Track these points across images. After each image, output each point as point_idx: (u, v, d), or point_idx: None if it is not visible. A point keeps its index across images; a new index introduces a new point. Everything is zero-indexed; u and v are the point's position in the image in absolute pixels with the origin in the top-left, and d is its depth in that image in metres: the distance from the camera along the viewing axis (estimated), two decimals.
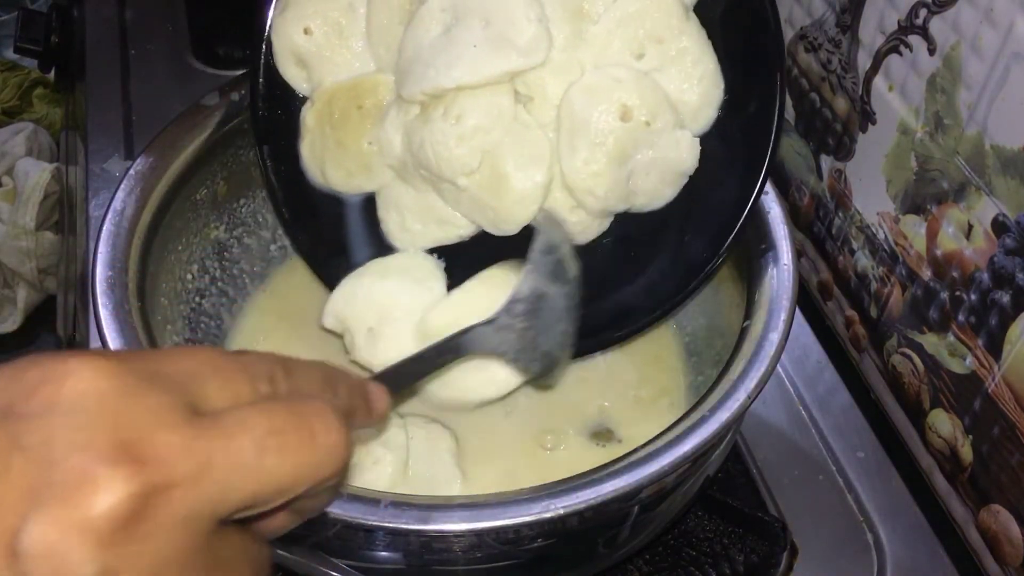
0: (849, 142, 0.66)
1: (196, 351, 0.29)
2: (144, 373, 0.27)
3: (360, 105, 0.56)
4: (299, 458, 0.28)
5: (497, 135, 0.52)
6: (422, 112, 0.53)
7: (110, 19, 0.99)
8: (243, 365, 0.30)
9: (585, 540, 0.49)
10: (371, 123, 0.56)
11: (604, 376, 0.63)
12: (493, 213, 0.54)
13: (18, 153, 1.35)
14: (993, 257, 0.55)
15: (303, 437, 0.28)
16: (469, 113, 0.52)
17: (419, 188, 0.56)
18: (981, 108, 0.53)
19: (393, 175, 0.57)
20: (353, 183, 0.58)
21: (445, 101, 0.52)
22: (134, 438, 0.25)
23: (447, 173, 0.53)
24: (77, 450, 0.24)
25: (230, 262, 0.66)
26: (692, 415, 0.47)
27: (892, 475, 0.66)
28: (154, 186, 0.56)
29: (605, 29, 0.52)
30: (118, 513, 0.24)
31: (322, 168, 0.57)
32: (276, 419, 0.28)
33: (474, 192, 0.54)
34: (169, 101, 0.83)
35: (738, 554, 0.60)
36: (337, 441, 0.29)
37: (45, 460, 0.24)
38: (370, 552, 0.47)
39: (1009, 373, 0.55)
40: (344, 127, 0.56)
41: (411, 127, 0.54)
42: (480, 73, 0.51)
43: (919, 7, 0.56)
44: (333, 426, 0.29)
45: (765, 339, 0.50)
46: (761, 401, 0.65)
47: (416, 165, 0.54)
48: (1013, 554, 0.58)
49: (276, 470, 0.28)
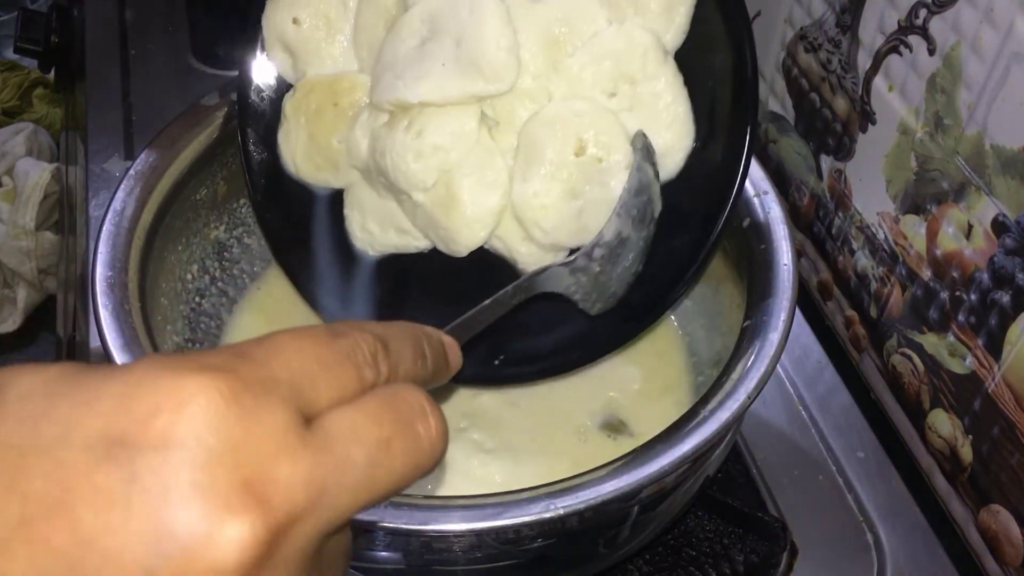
0: (849, 142, 0.66)
1: (300, 341, 0.28)
2: (258, 385, 0.25)
3: (336, 102, 0.56)
4: (407, 465, 0.28)
5: (456, 156, 0.52)
6: (390, 120, 0.53)
7: (110, 19, 0.99)
8: (347, 354, 0.29)
9: (585, 540, 0.49)
10: (344, 122, 0.56)
11: (607, 370, 0.63)
12: (444, 232, 0.54)
13: (18, 153, 1.35)
14: (993, 257, 0.55)
15: (409, 442, 0.28)
16: (431, 131, 0.51)
17: (381, 194, 0.56)
18: (981, 108, 0.53)
19: (359, 175, 0.57)
20: (321, 177, 0.58)
21: (411, 114, 0.52)
22: (256, 476, 0.24)
23: (403, 185, 0.53)
24: (199, 494, 0.23)
25: (230, 262, 0.66)
26: (692, 415, 0.47)
27: (892, 475, 0.66)
28: (154, 186, 0.56)
29: (579, 63, 0.51)
30: (246, 560, 0.23)
31: (294, 158, 0.58)
32: (385, 428, 0.28)
33: (428, 209, 0.54)
34: (169, 101, 0.83)
35: (738, 554, 0.60)
36: (438, 436, 0.29)
37: (166, 503, 0.23)
38: (370, 552, 0.47)
39: (1009, 373, 0.55)
40: (318, 122, 0.56)
41: (377, 134, 0.54)
42: (443, 92, 0.51)
43: (919, 7, 0.56)
44: (434, 422, 0.29)
45: (765, 339, 0.50)
46: (761, 401, 0.65)
47: (377, 172, 0.55)
48: (1013, 554, 0.58)
49: (386, 479, 0.28)
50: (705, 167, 0.53)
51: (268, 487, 0.24)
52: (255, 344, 0.28)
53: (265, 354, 0.27)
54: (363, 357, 0.29)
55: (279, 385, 0.26)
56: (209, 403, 0.24)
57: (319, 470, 0.25)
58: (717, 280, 0.62)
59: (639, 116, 0.52)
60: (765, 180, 0.57)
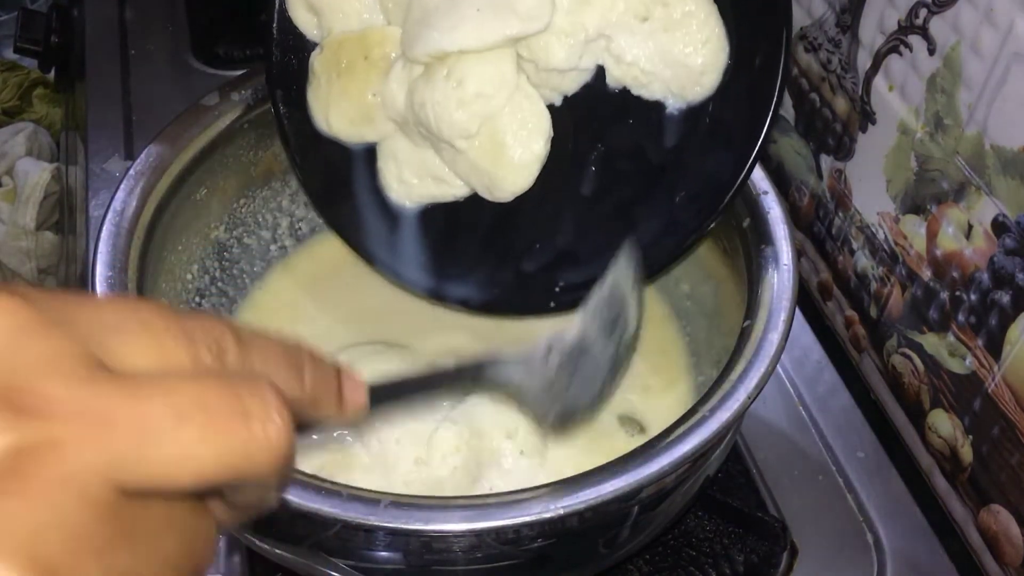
0: (849, 142, 0.66)
1: (130, 305, 0.26)
2: (52, 317, 0.24)
3: (367, 55, 0.56)
4: (225, 442, 0.25)
5: (498, 102, 0.52)
6: (426, 71, 0.53)
7: (110, 19, 0.99)
8: (184, 329, 0.26)
9: (585, 540, 0.49)
10: (376, 75, 0.56)
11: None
12: (488, 179, 0.54)
13: (18, 153, 1.34)
14: (993, 257, 0.55)
15: (234, 420, 0.25)
16: (472, 79, 0.52)
17: (418, 144, 0.56)
18: (981, 108, 0.53)
19: (394, 127, 0.57)
20: (356, 132, 0.58)
21: (448, 63, 0.52)
22: (18, 385, 0.23)
23: (446, 135, 0.53)
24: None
25: (230, 262, 0.66)
26: (692, 415, 0.47)
27: (892, 475, 0.66)
28: (154, 186, 0.56)
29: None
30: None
31: (326, 115, 0.58)
32: (208, 393, 0.25)
33: (471, 156, 0.54)
34: (169, 101, 0.83)
35: (738, 554, 0.60)
36: (275, 434, 0.25)
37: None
38: (370, 552, 0.47)
39: (1009, 373, 0.55)
40: (350, 77, 0.56)
41: (414, 85, 0.54)
42: (482, 38, 0.51)
43: (919, 7, 0.56)
44: (274, 415, 0.25)
45: (765, 339, 0.50)
46: (761, 401, 0.65)
47: (416, 123, 0.55)
48: (1013, 554, 0.58)
49: (194, 449, 0.24)
50: (742, 82, 0.53)
51: (28, 399, 0.23)
52: (82, 296, 0.26)
53: (81, 302, 0.26)
54: (204, 338, 0.27)
55: (76, 325, 0.25)
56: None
57: (100, 400, 0.23)
58: (717, 280, 0.62)
59: (672, 38, 0.52)
60: (765, 180, 0.57)
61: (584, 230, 0.55)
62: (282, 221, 0.69)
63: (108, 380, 0.24)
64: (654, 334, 0.64)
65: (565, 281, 0.58)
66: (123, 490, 0.24)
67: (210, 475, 0.25)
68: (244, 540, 0.54)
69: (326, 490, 0.43)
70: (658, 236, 0.56)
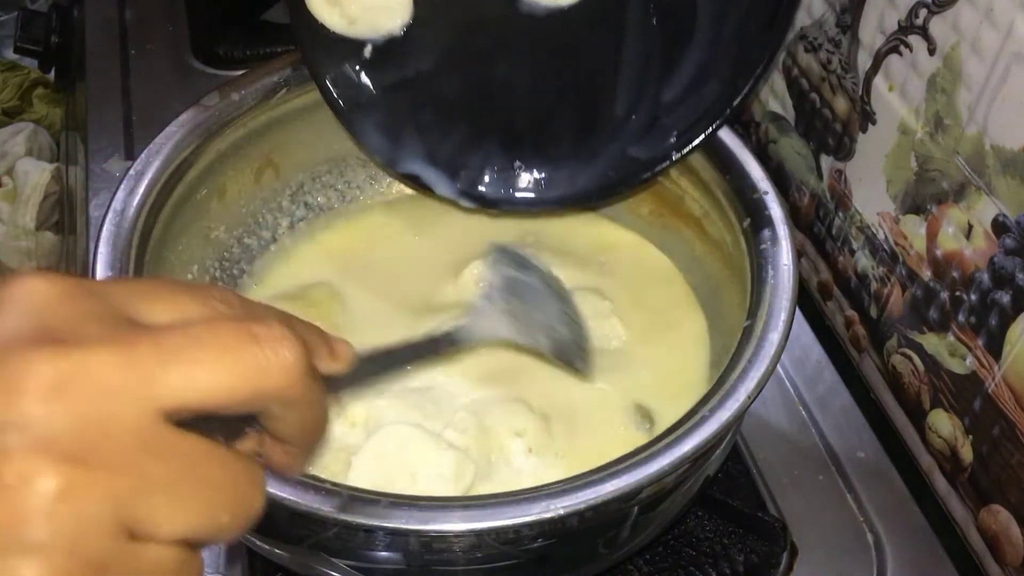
0: (849, 142, 0.66)
1: (145, 279, 0.30)
2: (89, 288, 0.28)
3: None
4: (239, 360, 0.28)
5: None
6: None
7: (110, 19, 0.99)
8: (195, 288, 0.31)
9: (585, 540, 0.49)
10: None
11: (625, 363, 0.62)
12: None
13: (18, 153, 1.34)
14: (993, 257, 0.55)
15: (245, 343, 0.28)
16: None
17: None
18: (981, 108, 0.53)
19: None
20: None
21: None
22: (61, 330, 0.26)
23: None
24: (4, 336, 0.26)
25: (230, 262, 0.66)
26: (692, 415, 0.47)
27: (892, 475, 0.66)
28: (154, 186, 0.56)
29: None
30: (43, 382, 0.25)
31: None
32: (221, 326, 0.28)
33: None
34: (169, 101, 0.83)
35: (738, 554, 0.60)
36: (287, 352, 0.29)
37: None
38: (370, 552, 0.47)
39: (1009, 373, 0.55)
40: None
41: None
42: None
43: (919, 7, 0.56)
44: (282, 338, 0.29)
45: (765, 339, 0.50)
46: (761, 401, 0.65)
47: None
48: (1013, 554, 0.58)
49: (212, 367, 0.27)
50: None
51: (69, 335, 0.26)
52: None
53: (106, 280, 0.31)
54: (213, 294, 0.31)
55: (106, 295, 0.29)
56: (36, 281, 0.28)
57: (131, 338, 0.27)
58: (717, 280, 0.62)
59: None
60: (765, 180, 0.57)
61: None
62: (282, 221, 0.69)
63: (137, 325, 0.28)
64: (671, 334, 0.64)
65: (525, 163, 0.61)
66: (158, 412, 0.26)
67: (229, 392, 0.28)
68: (244, 540, 0.54)
69: (326, 490, 0.43)
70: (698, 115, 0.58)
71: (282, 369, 0.28)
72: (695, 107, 0.60)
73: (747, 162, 0.58)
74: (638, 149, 0.61)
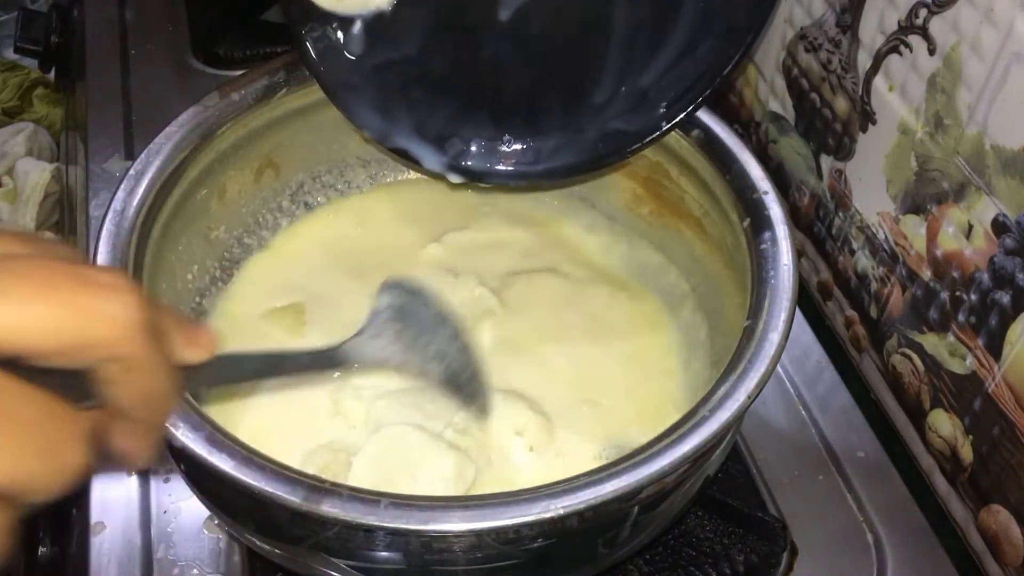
0: (849, 142, 0.66)
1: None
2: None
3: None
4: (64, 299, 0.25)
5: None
6: None
7: (110, 19, 0.99)
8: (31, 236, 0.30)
9: (585, 540, 0.49)
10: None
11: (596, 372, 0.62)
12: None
13: (18, 153, 1.34)
14: (993, 257, 0.55)
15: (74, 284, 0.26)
16: None
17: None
18: (981, 108, 0.53)
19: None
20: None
21: None
22: None
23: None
24: None
25: (230, 262, 0.66)
26: (692, 415, 0.47)
27: (892, 475, 0.66)
28: (154, 186, 0.56)
29: None
30: None
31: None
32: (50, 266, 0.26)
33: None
34: (169, 101, 0.83)
35: (738, 554, 0.60)
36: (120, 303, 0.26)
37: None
38: (370, 552, 0.47)
39: (1009, 373, 0.55)
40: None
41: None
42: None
43: (919, 7, 0.56)
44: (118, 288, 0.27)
45: (765, 339, 0.50)
46: (761, 401, 0.65)
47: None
48: (1013, 554, 0.58)
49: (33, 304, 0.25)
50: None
51: None
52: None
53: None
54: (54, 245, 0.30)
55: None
56: None
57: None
58: (717, 280, 0.62)
59: None
60: (765, 180, 0.57)
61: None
62: (282, 221, 0.69)
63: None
64: (650, 339, 0.64)
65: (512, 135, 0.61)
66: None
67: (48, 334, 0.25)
68: (244, 540, 0.54)
69: (326, 490, 0.43)
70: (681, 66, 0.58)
71: (113, 319, 0.26)
72: (684, 78, 0.59)
73: (747, 162, 0.58)
74: (627, 121, 0.61)
